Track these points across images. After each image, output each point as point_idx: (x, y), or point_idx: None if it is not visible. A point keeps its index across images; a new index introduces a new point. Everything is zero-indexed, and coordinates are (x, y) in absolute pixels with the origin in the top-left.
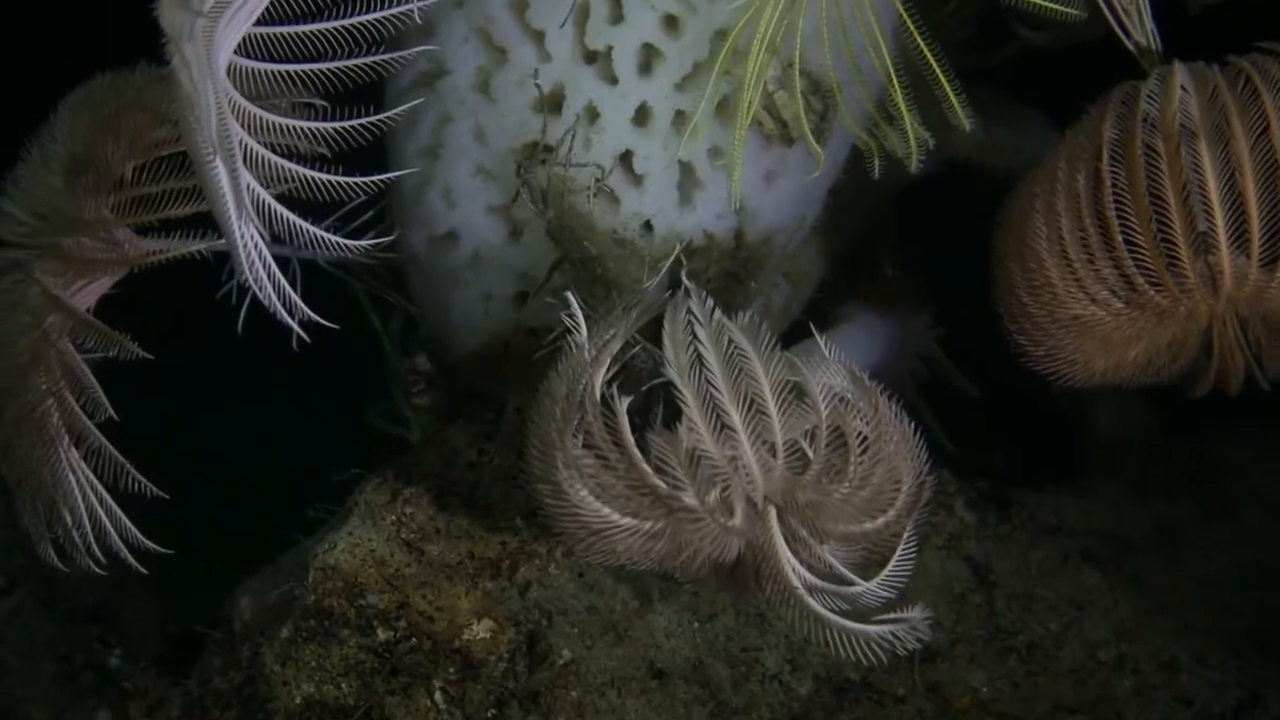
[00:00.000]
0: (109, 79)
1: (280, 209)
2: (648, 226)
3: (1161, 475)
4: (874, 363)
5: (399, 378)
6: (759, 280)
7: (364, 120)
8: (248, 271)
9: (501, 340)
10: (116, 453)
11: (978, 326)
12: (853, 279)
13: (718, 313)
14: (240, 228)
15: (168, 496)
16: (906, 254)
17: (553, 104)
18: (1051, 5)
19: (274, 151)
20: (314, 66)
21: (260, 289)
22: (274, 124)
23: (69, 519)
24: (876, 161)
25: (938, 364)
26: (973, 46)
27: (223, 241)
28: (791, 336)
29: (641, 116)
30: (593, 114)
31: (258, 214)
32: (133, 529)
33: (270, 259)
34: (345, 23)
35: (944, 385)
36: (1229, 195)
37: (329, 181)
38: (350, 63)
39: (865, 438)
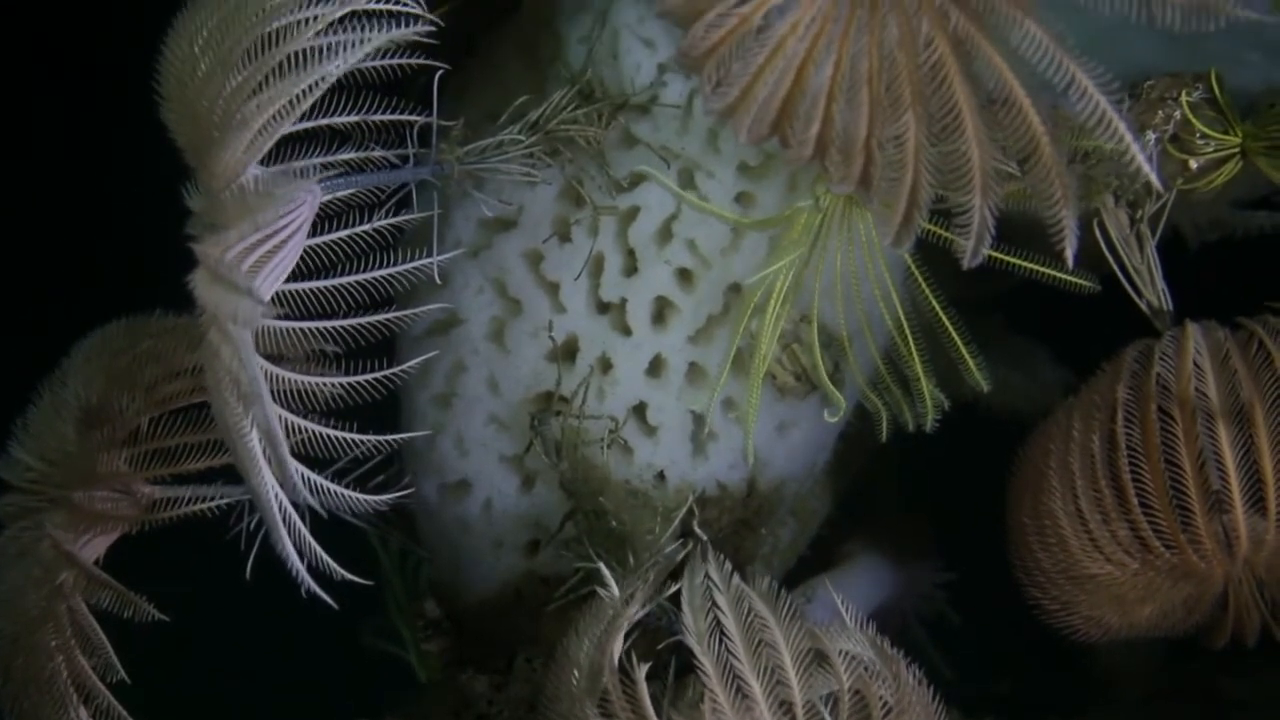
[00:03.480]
0: (123, 326)
1: (304, 470)
2: (661, 477)
3: (1166, 707)
4: (878, 603)
5: (407, 619)
6: (769, 525)
7: (379, 374)
8: (275, 534)
9: (513, 589)
10: (126, 715)
11: (982, 562)
12: (858, 515)
13: (736, 578)
14: (275, 496)
15: None
16: (911, 492)
17: (567, 355)
18: (1068, 278)
19: (290, 408)
20: (331, 324)
21: (284, 550)
22: (292, 382)
23: None
24: (884, 425)
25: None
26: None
27: (238, 493)
28: (798, 571)
29: (655, 368)
30: (606, 365)
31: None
32: None
33: (298, 521)
34: (361, 278)
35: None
36: (1244, 460)
37: (345, 439)
38: (367, 319)
39: (887, 705)
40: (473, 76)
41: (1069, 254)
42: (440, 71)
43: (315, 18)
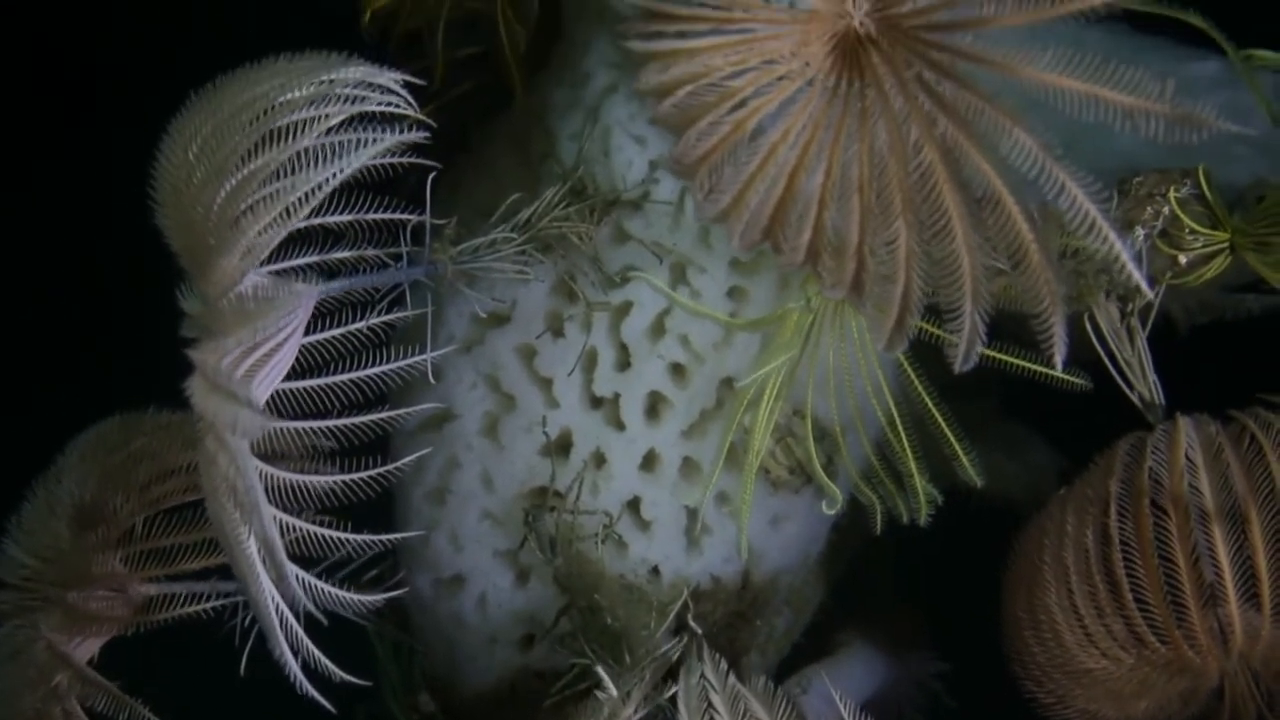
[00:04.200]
0: (117, 423)
1: (301, 573)
2: (655, 572)
3: None
4: (872, 693)
5: (402, 711)
6: (765, 616)
7: (373, 472)
8: (272, 639)
9: (508, 684)
10: None
11: (978, 653)
12: (852, 602)
13: (732, 678)
14: (274, 604)
15: None
16: (906, 579)
17: (561, 450)
18: (1061, 375)
19: (285, 507)
20: (325, 423)
21: (282, 656)
22: (287, 481)
23: None
24: (879, 518)
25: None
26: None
27: (233, 597)
28: (792, 658)
29: (649, 463)
30: (600, 460)
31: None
32: None
33: (295, 625)
34: (355, 376)
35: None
36: (1238, 555)
37: (339, 539)
38: (361, 419)
39: None
40: (465, 172)
41: (1058, 360)
42: (433, 173)
43: (310, 125)
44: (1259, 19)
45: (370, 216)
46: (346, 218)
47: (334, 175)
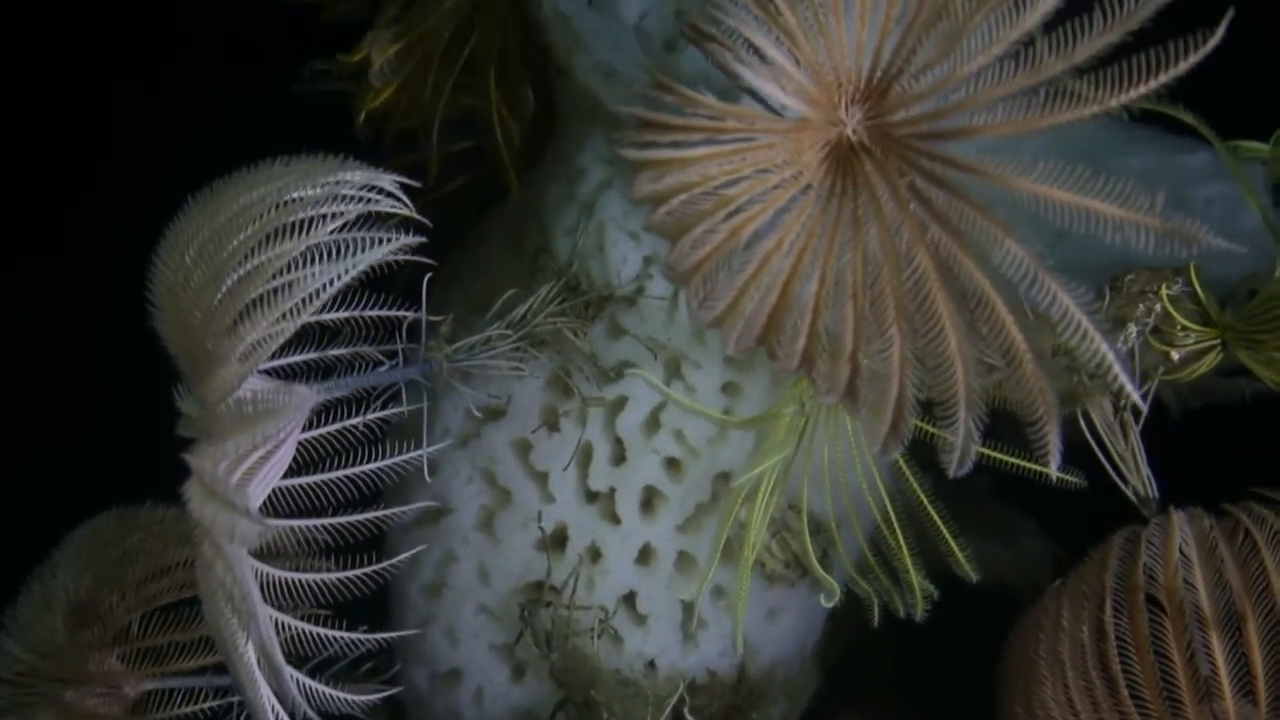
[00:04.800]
0: (113, 518)
1: (298, 675)
2: (651, 666)
3: None
4: None
5: None
6: (760, 708)
7: (369, 570)
8: None
9: None
10: None
11: None
12: (848, 688)
13: None
14: (270, 706)
15: None
16: (901, 665)
17: (556, 544)
18: (1058, 473)
19: (281, 605)
20: (321, 522)
21: None
22: (282, 580)
23: None
24: (875, 611)
25: None
26: None
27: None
28: None
29: (645, 557)
30: (596, 554)
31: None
32: None
33: None
34: (351, 472)
35: None
36: (1233, 650)
37: (338, 637)
38: (357, 518)
39: None
40: (461, 266)
41: (1053, 466)
42: (429, 273)
43: (308, 230)
44: (1248, 100)
45: (366, 313)
46: (343, 314)
47: (331, 281)
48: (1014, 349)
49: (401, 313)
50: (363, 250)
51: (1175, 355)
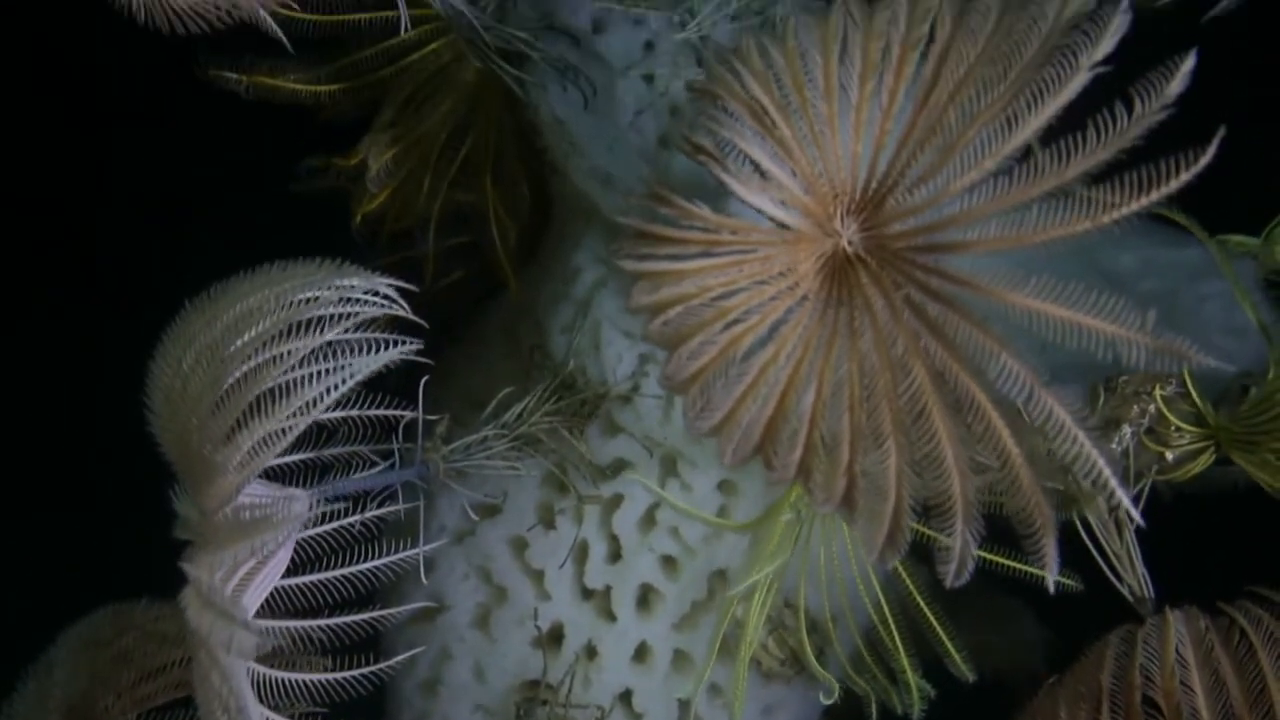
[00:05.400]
0: (109, 615)
1: None
2: None
3: None
4: None
5: None
6: None
7: (365, 670)
8: None
9: None
10: None
11: None
12: None
13: None
14: None
15: None
16: None
17: (552, 642)
18: (1053, 578)
19: (277, 707)
20: (317, 623)
21: None
22: (278, 680)
23: None
24: (873, 708)
25: None
26: None
27: None
28: None
29: (641, 655)
30: (592, 652)
31: None
32: None
33: None
34: (347, 571)
35: None
36: None
37: None
38: (353, 618)
39: None
40: (456, 362)
41: (1050, 580)
42: (425, 376)
43: (307, 336)
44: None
45: (362, 413)
46: (339, 414)
47: (329, 390)
48: (1011, 464)
49: (398, 412)
50: (361, 354)
51: (1169, 456)
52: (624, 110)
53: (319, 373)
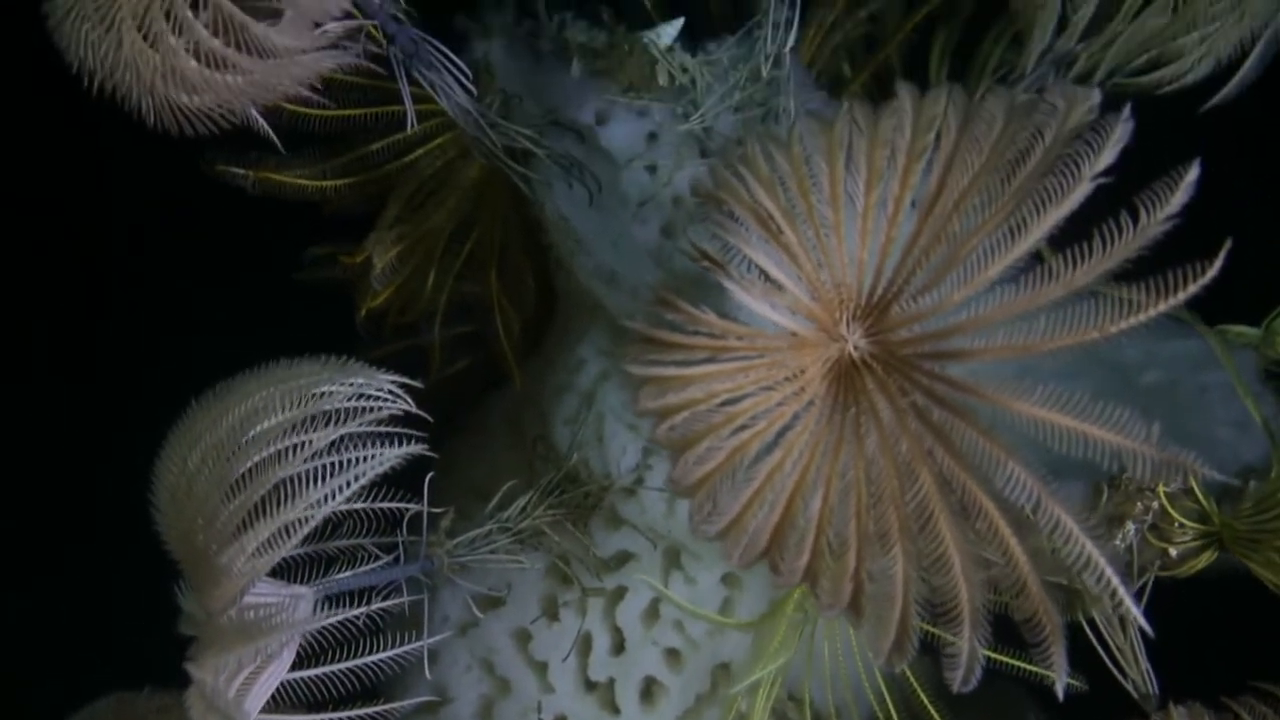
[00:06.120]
0: (113, 703)
1: None
2: None
3: None
4: None
5: None
6: None
7: None
8: None
9: None
10: None
11: None
12: None
13: None
14: None
15: None
16: None
17: None
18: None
19: None
20: (322, 716)
21: None
22: None
23: None
24: None
25: None
26: None
27: None
28: None
29: None
30: None
31: None
32: None
33: None
34: (351, 665)
35: None
36: None
37: None
38: (358, 712)
39: None
40: (460, 452)
41: (1059, 689)
42: (430, 474)
43: (309, 443)
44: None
45: (368, 506)
46: (343, 507)
47: (336, 491)
48: (1018, 569)
49: (402, 505)
50: (368, 455)
51: (1173, 552)
52: (628, 202)
53: (325, 472)
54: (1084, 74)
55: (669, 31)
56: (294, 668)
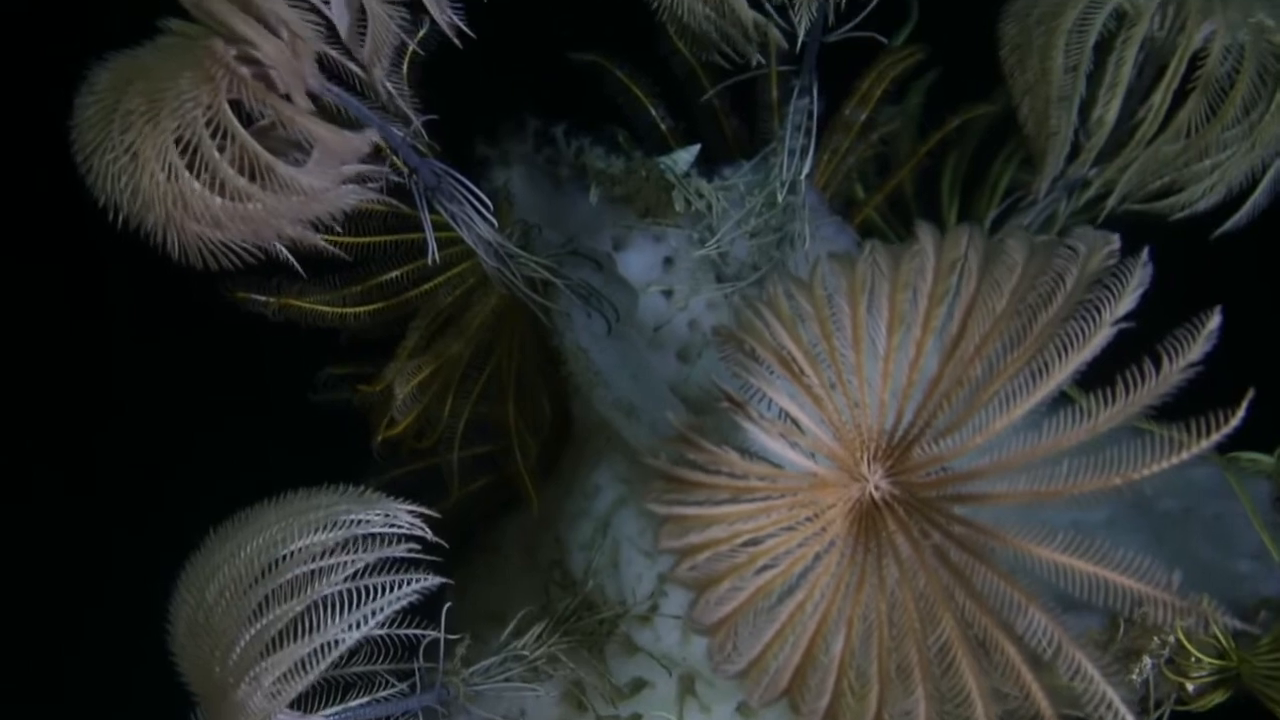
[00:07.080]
0: None
1: None
2: None
3: None
4: None
5: None
6: None
7: None
8: None
9: None
10: None
11: None
12: None
13: None
14: None
15: None
16: None
17: None
18: None
19: None
20: None
21: None
22: None
23: None
24: None
25: None
26: None
27: None
28: None
29: None
30: None
31: None
32: None
33: None
34: None
35: None
36: None
37: None
38: None
39: None
40: (475, 573)
41: None
42: (448, 605)
43: (330, 571)
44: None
45: (383, 633)
46: (359, 633)
47: (355, 625)
48: (1037, 708)
49: (418, 632)
50: (388, 587)
51: (1190, 687)
52: (644, 329)
53: (345, 603)
54: (1096, 199)
55: (685, 157)
56: None
